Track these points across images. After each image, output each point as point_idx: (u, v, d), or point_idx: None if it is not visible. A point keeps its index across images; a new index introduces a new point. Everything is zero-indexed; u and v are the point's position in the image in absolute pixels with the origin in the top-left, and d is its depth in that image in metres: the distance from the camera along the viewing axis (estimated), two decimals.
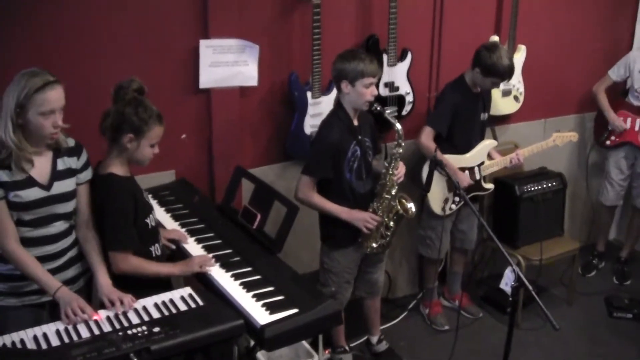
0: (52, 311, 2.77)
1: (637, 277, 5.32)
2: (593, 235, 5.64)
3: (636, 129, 4.92)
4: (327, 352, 3.93)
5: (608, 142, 5.08)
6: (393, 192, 3.52)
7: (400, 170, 3.54)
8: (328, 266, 3.68)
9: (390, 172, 3.50)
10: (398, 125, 3.42)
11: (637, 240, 5.42)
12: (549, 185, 4.70)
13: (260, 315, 2.62)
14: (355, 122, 3.51)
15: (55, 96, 2.57)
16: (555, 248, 4.65)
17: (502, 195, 4.56)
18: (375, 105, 3.41)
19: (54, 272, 2.74)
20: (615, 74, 4.99)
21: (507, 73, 4.00)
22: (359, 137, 3.51)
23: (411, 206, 3.54)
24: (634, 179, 5.11)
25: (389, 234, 3.59)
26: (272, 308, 2.66)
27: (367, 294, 3.97)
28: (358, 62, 3.34)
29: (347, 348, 4.02)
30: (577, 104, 5.34)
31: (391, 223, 3.56)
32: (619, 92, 5.13)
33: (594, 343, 4.46)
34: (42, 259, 2.71)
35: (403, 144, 3.47)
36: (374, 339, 4.20)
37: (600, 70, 5.08)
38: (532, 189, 4.61)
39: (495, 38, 4.50)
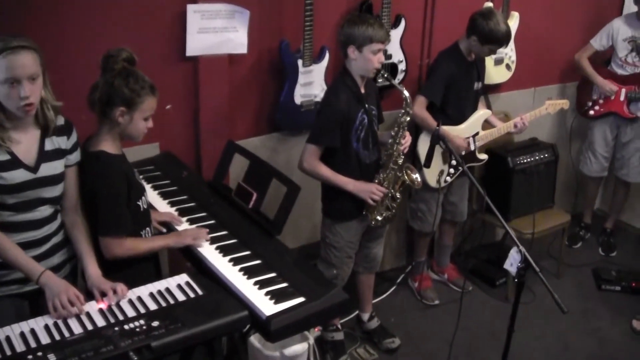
0: (34, 301, 2.58)
1: (623, 248, 5.30)
2: (578, 206, 5.57)
3: (621, 98, 4.82)
4: (317, 330, 3.81)
5: (592, 112, 4.97)
6: (400, 162, 3.41)
7: (407, 139, 3.43)
8: (330, 240, 3.55)
9: (397, 141, 3.37)
10: (406, 93, 3.30)
11: (621, 211, 5.38)
12: (542, 156, 4.61)
13: (265, 305, 2.45)
14: (362, 90, 3.36)
15: (18, 62, 2.29)
16: (546, 221, 4.57)
17: (494, 167, 4.44)
18: (382, 72, 3.30)
19: (37, 259, 2.52)
20: (597, 43, 4.88)
21: (505, 39, 3.87)
22: (366, 105, 3.36)
23: (417, 176, 3.43)
24: (618, 150, 5.04)
25: (394, 205, 3.48)
26: (276, 297, 2.49)
27: (365, 269, 3.85)
28: (367, 27, 3.20)
29: (339, 326, 3.90)
30: (567, 72, 5.22)
31: (397, 194, 3.45)
32: (600, 62, 5.01)
33: (584, 316, 4.42)
34: (25, 245, 2.50)
35: (411, 112, 3.36)
36: (365, 316, 4.08)
37: (589, 39, 4.95)
38: (525, 160, 4.51)
39: (489, 4, 4.33)
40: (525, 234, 4.34)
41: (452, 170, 4.10)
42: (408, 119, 3.35)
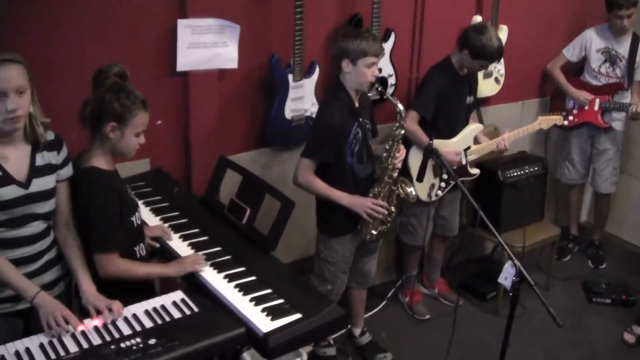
0: (27, 320, 2.54)
1: (610, 260, 5.32)
2: (560, 218, 5.58)
3: (595, 108, 4.86)
4: (309, 345, 3.78)
5: (566, 123, 4.98)
6: (394, 176, 3.41)
7: (402, 153, 3.43)
8: (324, 255, 3.54)
9: (392, 154, 3.37)
10: (400, 106, 3.29)
11: (605, 222, 5.40)
12: (531, 170, 4.61)
13: (262, 322, 2.43)
14: (357, 104, 3.37)
15: (4, 75, 2.27)
16: (536, 234, 4.58)
17: (483, 180, 4.43)
18: (376, 86, 3.29)
19: (30, 276, 2.49)
20: (570, 53, 4.94)
21: (497, 55, 3.87)
22: (360, 119, 3.36)
23: (412, 190, 3.43)
24: (595, 161, 5.07)
25: (389, 219, 3.47)
26: (273, 313, 2.47)
27: (357, 284, 3.83)
28: (361, 41, 3.20)
29: (331, 342, 3.88)
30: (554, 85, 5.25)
31: (392, 208, 3.45)
32: (571, 71, 5.06)
33: (575, 330, 4.42)
34: (18, 262, 2.46)
35: (405, 126, 3.36)
36: (357, 331, 4.06)
37: None
38: (515, 174, 4.51)
39: (479, 18, 4.36)
40: (515, 248, 4.34)
41: (443, 184, 4.09)
42: (402, 132, 3.35)
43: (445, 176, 4.06)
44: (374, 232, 3.48)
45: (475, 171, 4.23)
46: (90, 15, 3.14)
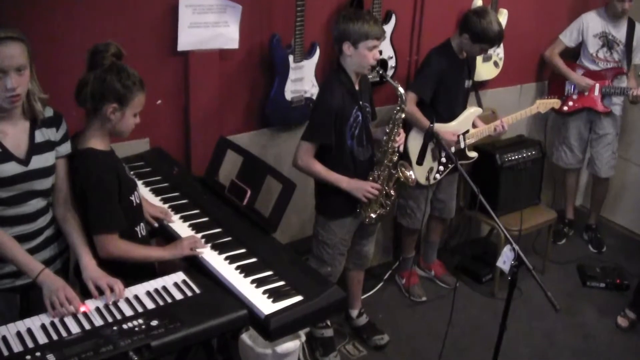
0: (25, 295, 2.55)
1: (605, 244, 5.35)
2: (557, 202, 5.61)
3: (595, 93, 4.87)
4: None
5: (565, 108, 5.00)
6: (394, 160, 3.40)
7: (401, 136, 3.42)
8: (323, 238, 3.54)
9: (392, 138, 3.36)
10: (401, 90, 3.28)
11: (601, 206, 5.43)
12: (529, 154, 4.63)
13: (263, 304, 2.43)
14: (357, 87, 3.36)
15: (5, 53, 2.24)
16: (533, 218, 4.61)
17: (481, 164, 4.43)
18: (377, 68, 3.27)
19: (29, 252, 2.47)
20: (567, 38, 4.94)
21: (497, 39, 3.87)
22: (360, 102, 3.35)
23: (411, 174, 3.43)
24: (594, 146, 5.09)
25: (388, 203, 3.48)
26: (274, 295, 2.47)
27: (355, 265, 3.85)
28: (362, 23, 3.18)
29: (328, 323, 3.88)
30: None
31: (391, 192, 3.45)
32: (568, 56, 5.05)
33: (570, 313, 4.45)
34: (18, 239, 2.44)
35: (406, 109, 3.35)
36: (354, 312, 4.08)
37: None
38: (513, 158, 4.53)
39: (479, 2, 4.34)
40: (512, 231, 4.34)
41: (441, 168, 4.10)
42: (403, 115, 3.34)
43: (443, 159, 4.06)
44: (372, 215, 3.48)
45: (473, 154, 4.23)
46: None
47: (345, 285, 3.93)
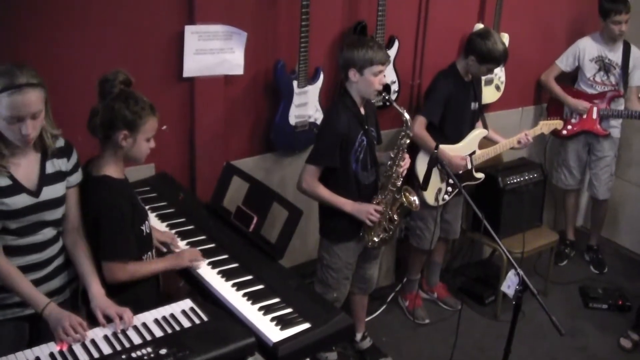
0: (34, 324, 2.55)
1: (609, 265, 5.36)
2: (558, 223, 5.63)
3: (594, 116, 4.90)
4: None
5: (564, 132, 5.02)
6: (398, 184, 3.42)
7: (406, 162, 3.44)
8: (327, 262, 3.55)
9: (397, 163, 3.39)
10: (406, 115, 3.32)
11: (601, 227, 5.45)
12: (531, 176, 4.66)
13: (271, 332, 2.45)
14: (362, 111, 3.38)
15: (23, 102, 2.25)
16: (535, 240, 4.63)
17: (484, 186, 4.45)
18: (383, 94, 3.31)
19: (39, 281, 2.51)
20: (563, 63, 4.99)
21: (503, 58, 3.93)
22: (366, 126, 3.38)
23: (415, 199, 3.44)
24: (592, 167, 5.12)
25: (392, 227, 3.49)
26: (282, 323, 2.49)
27: (360, 289, 3.85)
28: (367, 50, 3.22)
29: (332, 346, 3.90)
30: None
31: (395, 216, 3.46)
32: (565, 80, 5.09)
33: (572, 335, 4.45)
34: (27, 269, 2.47)
35: (411, 134, 3.38)
36: (358, 336, 4.08)
37: None
38: (515, 180, 4.56)
39: (480, 26, 4.39)
40: (514, 253, 4.37)
41: (449, 189, 4.13)
42: (408, 141, 3.37)
43: (451, 181, 4.09)
44: (375, 239, 3.49)
45: (480, 175, 4.26)
46: (98, 20, 3.15)
47: (349, 309, 3.94)
